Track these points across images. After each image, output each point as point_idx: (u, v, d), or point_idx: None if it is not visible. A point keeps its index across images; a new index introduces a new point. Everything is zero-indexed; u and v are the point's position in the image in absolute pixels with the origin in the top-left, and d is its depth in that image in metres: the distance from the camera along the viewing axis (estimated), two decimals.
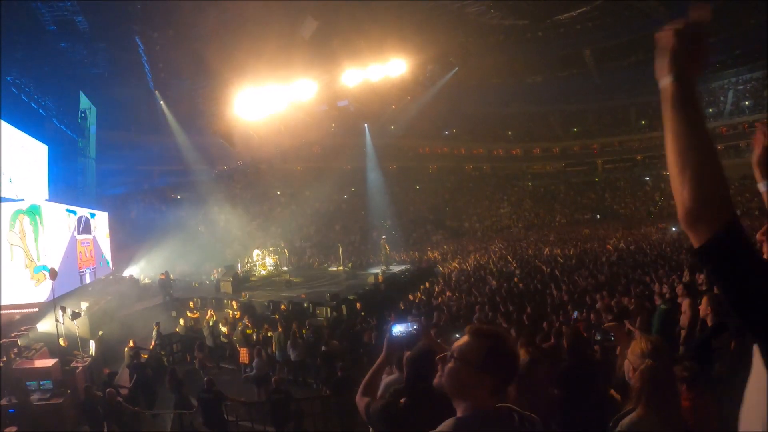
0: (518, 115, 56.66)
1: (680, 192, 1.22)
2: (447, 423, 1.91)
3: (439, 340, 3.80)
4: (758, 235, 1.70)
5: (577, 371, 4.71)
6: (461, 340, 2.01)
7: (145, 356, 13.76)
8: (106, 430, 9.93)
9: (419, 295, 19.12)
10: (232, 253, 30.09)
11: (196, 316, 18.12)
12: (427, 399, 2.76)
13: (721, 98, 49.12)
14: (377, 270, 23.71)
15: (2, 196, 15.75)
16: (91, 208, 22.79)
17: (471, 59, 28.37)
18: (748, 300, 1.18)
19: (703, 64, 1.30)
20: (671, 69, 1.29)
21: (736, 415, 1.59)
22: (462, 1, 35.48)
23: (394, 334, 3.04)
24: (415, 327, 3.07)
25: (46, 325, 14.91)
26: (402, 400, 2.86)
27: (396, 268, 25.10)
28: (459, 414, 1.95)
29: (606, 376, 4.57)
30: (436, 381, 2.02)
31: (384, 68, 20.37)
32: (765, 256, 1.60)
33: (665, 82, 1.29)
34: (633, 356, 2.87)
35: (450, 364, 1.95)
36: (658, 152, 52.11)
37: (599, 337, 4.13)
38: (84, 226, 21.01)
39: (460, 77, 33.23)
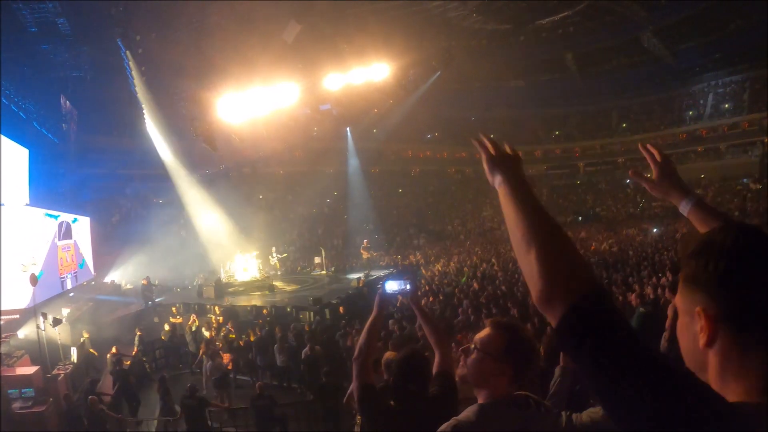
0: (500, 118, 56.73)
1: (530, 275, 1.15)
2: (470, 409, 2.04)
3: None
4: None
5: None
6: (483, 332, 2.16)
7: (128, 363, 13.67)
8: None
9: (400, 298, 19.12)
10: (215, 258, 29.87)
11: (179, 321, 18.04)
12: (414, 402, 2.81)
13: (701, 101, 49.63)
14: (360, 274, 23.72)
15: None
16: (72, 213, 22.57)
17: (453, 63, 28.52)
18: (612, 390, 0.94)
19: (515, 157, 1.59)
20: (495, 172, 1.48)
21: None
22: (444, 2, 35.61)
23: (387, 291, 3.10)
24: (408, 285, 3.14)
25: (26, 332, 14.75)
26: (391, 403, 2.90)
27: (378, 272, 25.10)
28: (480, 401, 2.08)
29: None
30: (458, 371, 2.13)
31: (366, 72, 20.45)
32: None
33: (497, 183, 1.44)
34: None
35: (473, 356, 2.10)
36: (639, 155, 51.81)
37: None
38: (65, 231, 20.82)
39: (443, 81, 33.38)
